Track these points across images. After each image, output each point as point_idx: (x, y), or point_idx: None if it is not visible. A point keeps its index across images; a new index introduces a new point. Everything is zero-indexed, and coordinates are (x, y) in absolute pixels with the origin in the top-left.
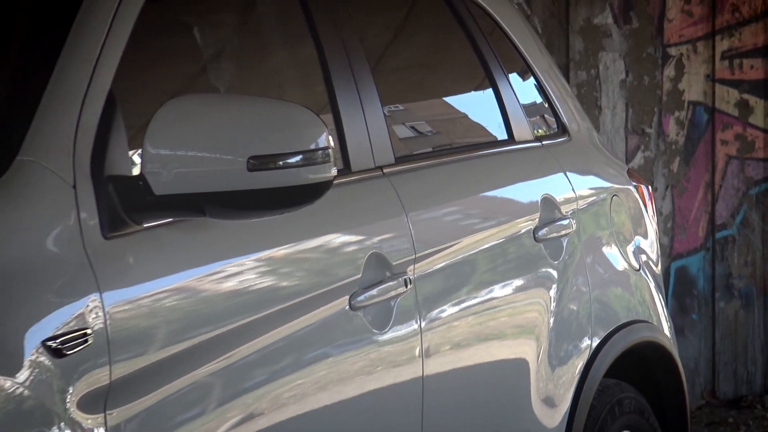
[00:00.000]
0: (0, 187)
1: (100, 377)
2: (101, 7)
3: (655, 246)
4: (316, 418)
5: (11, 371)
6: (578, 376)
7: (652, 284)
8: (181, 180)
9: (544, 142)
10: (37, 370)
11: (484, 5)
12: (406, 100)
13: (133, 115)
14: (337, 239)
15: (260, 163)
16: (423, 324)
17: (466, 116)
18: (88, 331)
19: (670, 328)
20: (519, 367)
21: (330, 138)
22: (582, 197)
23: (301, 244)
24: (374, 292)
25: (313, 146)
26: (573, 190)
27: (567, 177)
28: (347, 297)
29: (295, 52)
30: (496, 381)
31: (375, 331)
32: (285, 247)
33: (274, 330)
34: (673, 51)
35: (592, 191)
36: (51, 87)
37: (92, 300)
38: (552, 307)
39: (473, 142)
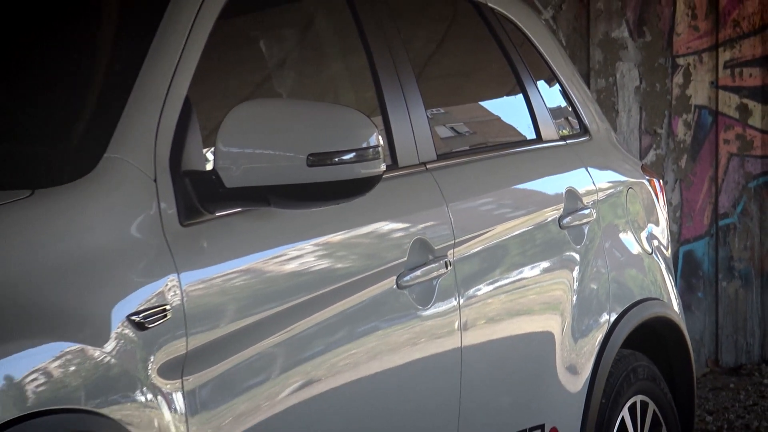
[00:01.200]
0: (90, 181)
1: (177, 347)
2: (179, 22)
3: (666, 232)
4: (367, 384)
5: (100, 342)
6: (598, 347)
7: (663, 266)
8: (249, 174)
9: (567, 141)
10: (122, 342)
11: (515, 20)
12: (446, 103)
13: (206, 118)
14: (385, 226)
15: (318, 159)
16: (461, 301)
17: (499, 118)
18: (167, 307)
19: (678, 304)
20: (546, 339)
21: (379, 137)
22: (601, 189)
23: (354, 230)
24: (418, 273)
25: (364, 145)
26: (593, 183)
27: (588, 172)
28: (395, 277)
29: (349, 62)
30: (526, 351)
31: (419, 307)
32: (340, 234)
33: (330, 306)
34: (681, 61)
35: (610, 184)
36: (135, 93)
37: (171, 280)
38: (575, 287)
39: (505, 141)
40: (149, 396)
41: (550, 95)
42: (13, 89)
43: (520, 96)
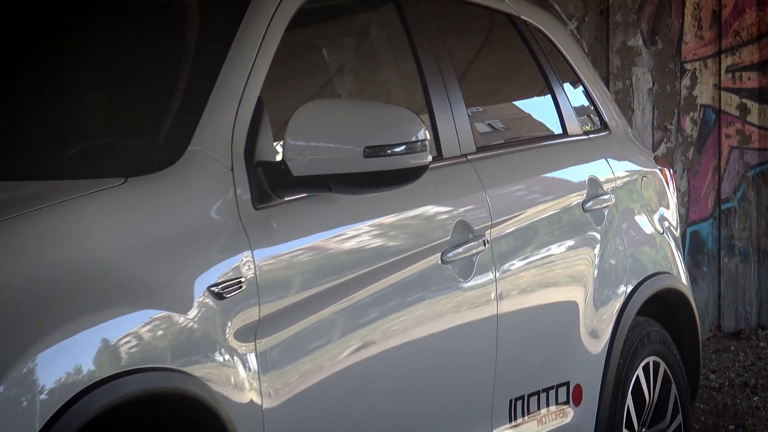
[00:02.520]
0: (176, 170)
1: (251, 315)
2: (253, 33)
3: (675, 215)
4: (415, 346)
5: (184, 310)
6: (616, 314)
7: (672, 244)
8: (313, 164)
9: (590, 136)
10: (203, 309)
11: (545, 30)
12: (484, 103)
13: (276, 115)
14: (431, 210)
15: (373, 151)
16: (497, 274)
17: (530, 115)
18: (243, 279)
19: (686, 277)
20: (571, 307)
21: (426, 132)
22: (619, 178)
23: (404, 213)
24: (460, 250)
25: (413, 138)
26: (612, 172)
27: (608, 162)
28: (439, 254)
29: (400, 67)
30: (553, 318)
31: (460, 280)
32: (392, 216)
33: (383, 279)
34: (688, 66)
35: (627, 173)
36: (214, 94)
37: (245, 256)
38: (596, 262)
39: (535, 136)
40: (227, 356)
41: (575, 95)
42: (109, 90)
43: (548, 96)
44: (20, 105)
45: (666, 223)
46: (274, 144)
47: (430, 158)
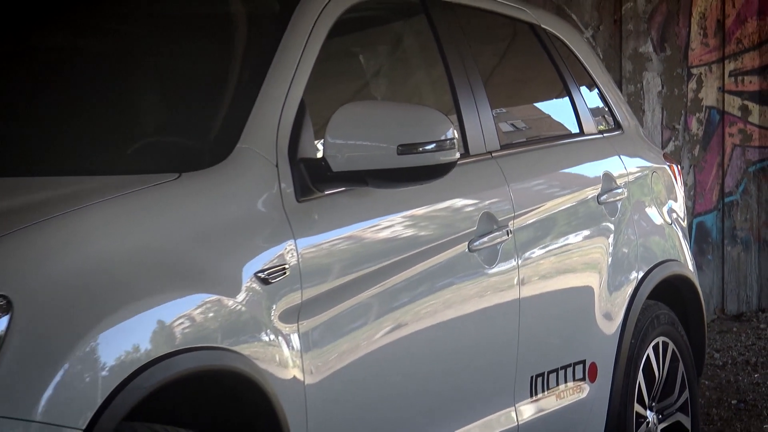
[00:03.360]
0: (225, 166)
1: (294, 298)
2: (295, 41)
3: (682, 207)
4: (443, 328)
5: (233, 294)
6: (628, 298)
7: (680, 234)
8: (351, 161)
9: (604, 135)
10: (250, 293)
11: (563, 38)
12: (507, 104)
13: (317, 116)
14: (459, 202)
15: (406, 149)
16: (519, 262)
17: (549, 116)
18: (286, 266)
19: (692, 265)
20: (587, 292)
21: (454, 131)
22: (631, 173)
23: (434, 205)
24: (485, 239)
25: (443, 137)
26: (625, 168)
27: (621, 159)
28: (466, 243)
29: (430, 72)
30: (571, 301)
31: (486, 267)
32: (423, 208)
33: (414, 266)
34: (694, 71)
35: (638, 168)
36: (261, 96)
37: (289, 244)
38: (610, 250)
39: (554, 134)
40: (272, 336)
41: (590, 97)
42: (165, 93)
43: (566, 98)
44: (88, 108)
45: (674, 215)
46: (316, 142)
47: (457, 155)
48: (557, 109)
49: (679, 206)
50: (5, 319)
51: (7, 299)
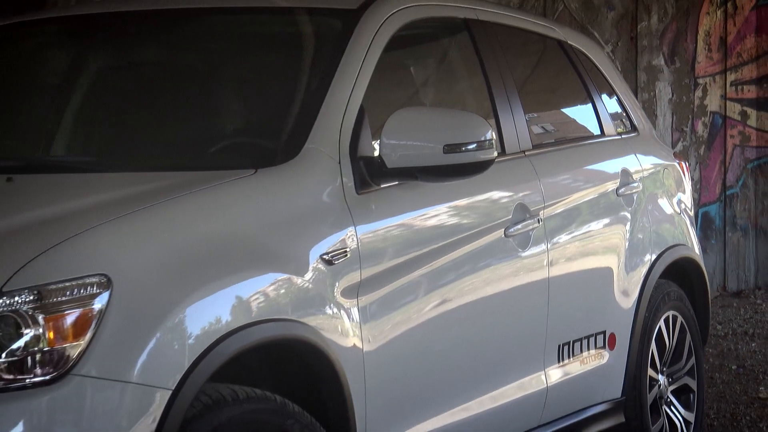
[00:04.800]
0: (295, 163)
1: (354, 277)
2: (355, 54)
3: (690, 199)
4: (483, 302)
5: (302, 273)
6: (643, 277)
7: (688, 222)
8: (404, 158)
9: (622, 136)
10: (316, 273)
11: (587, 53)
12: (538, 110)
13: (374, 119)
14: (496, 194)
15: (451, 148)
16: (549, 246)
17: (574, 120)
18: (347, 249)
19: (698, 248)
20: (607, 271)
21: (492, 133)
22: (645, 169)
23: (474, 197)
24: (519, 226)
25: (482, 138)
26: (640, 165)
27: (636, 157)
28: (503, 229)
29: (472, 81)
30: (593, 280)
31: (519, 250)
32: (465, 199)
33: (458, 249)
34: (700, 81)
35: (652, 165)
36: (326, 103)
37: (350, 231)
38: (627, 236)
39: (579, 136)
40: (335, 310)
41: (610, 104)
42: (243, 101)
43: (589, 104)
44: (178, 114)
45: (682, 205)
46: (373, 142)
47: (495, 154)
48: (581, 114)
49: (687, 198)
50: (106, 294)
51: (107, 278)
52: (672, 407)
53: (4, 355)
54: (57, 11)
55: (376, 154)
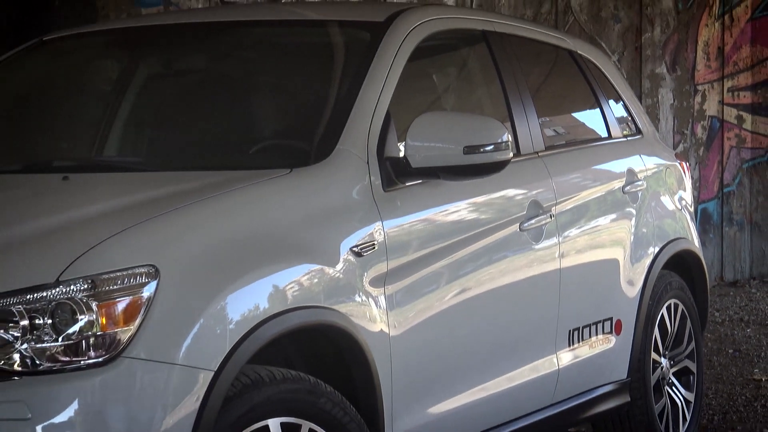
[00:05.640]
0: (327, 163)
1: (381, 268)
2: (382, 63)
3: (690, 196)
4: (500, 291)
5: (333, 264)
6: (647, 268)
7: (688, 217)
8: (427, 159)
9: (627, 138)
10: (347, 264)
11: (595, 62)
12: (550, 114)
13: (399, 123)
14: (512, 192)
15: (470, 149)
16: (560, 239)
17: (584, 123)
18: (375, 242)
19: (698, 241)
20: (613, 263)
21: (508, 135)
22: (649, 169)
23: (492, 194)
24: (533, 221)
25: (499, 140)
26: (644, 164)
27: (641, 157)
28: (518, 224)
29: (489, 88)
30: (601, 271)
31: (533, 243)
32: (483, 196)
33: (476, 242)
34: (700, 87)
35: (655, 165)
36: (355, 108)
37: (377, 225)
38: (632, 230)
39: (588, 138)
40: (364, 298)
41: (617, 109)
42: (279, 106)
43: (597, 109)
44: (220, 118)
45: (683, 202)
46: (398, 144)
47: (511, 155)
48: (590, 118)
49: (687, 195)
50: (154, 284)
51: (155, 268)
52: (673, 388)
53: (60, 338)
54: (109, 24)
55: (402, 154)
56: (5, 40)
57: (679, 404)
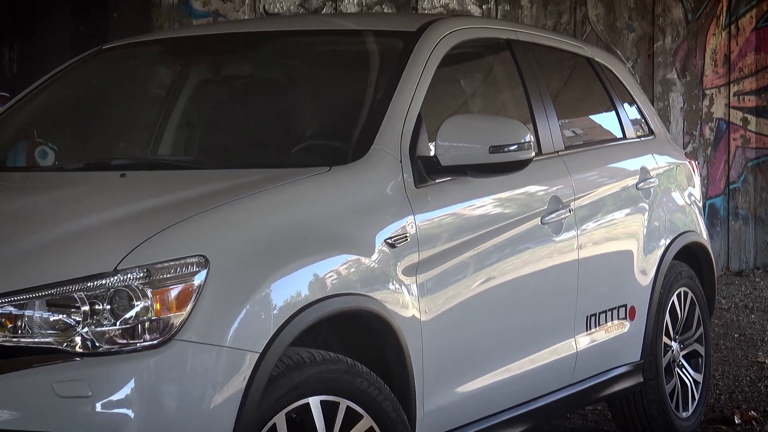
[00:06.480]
0: (364, 162)
1: (413, 258)
2: (414, 70)
3: (698, 192)
4: (522, 280)
5: (369, 254)
6: (658, 259)
7: (697, 211)
8: (455, 158)
9: (641, 139)
10: (381, 254)
11: (611, 68)
12: (570, 116)
13: (430, 125)
14: (533, 188)
15: (495, 149)
16: (578, 232)
17: (600, 125)
18: (407, 234)
19: (706, 234)
20: (628, 254)
21: (530, 136)
22: (661, 167)
23: (515, 190)
24: (553, 215)
25: (522, 140)
26: (656, 163)
27: (653, 156)
28: (539, 218)
29: (513, 92)
30: (616, 261)
31: (553, 235)
32: (507, 192)
33: (501, 235)
34: (707, 92)
35: (666, 164)
36: (389, 111)
37: (409, 219)
38: (645, 224)
39: (604, 138)
40: (397, 286)
41: (631, 111)
42: (319, 109)
43: (613, 111)
44: (266, 121)
45: (692, 198)
46: (429, 144)
47: (533, 154)
48: (606, 120)
49: (696, 191)
50: (204, 272)
51: (205, 258)
52: (683, 369)
53: (118, 323)
54: (163, 34)
55: (432, 154)
56: (72, 49)
57: (689, 384)
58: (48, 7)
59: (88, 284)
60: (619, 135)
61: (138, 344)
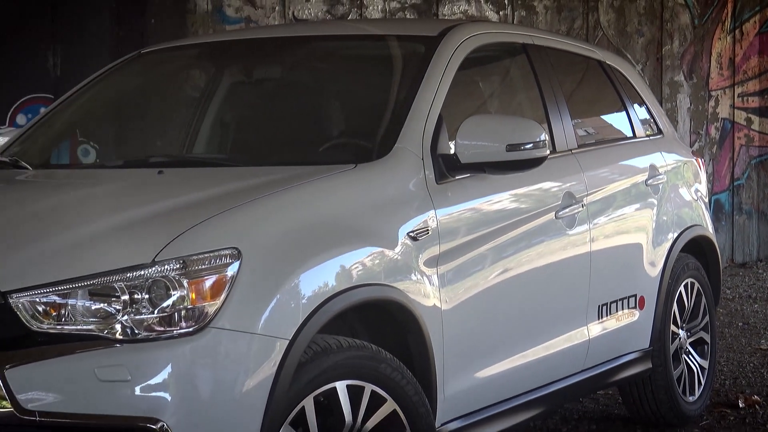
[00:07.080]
0: (387, 160)
1: (434, 250)
2: (435, 72)
3: (705, 188)
4: (538, 271)
5: (392, 247)
6: (667, 251)
7: (703, 206)
8: (474, 155)
9: (650, 137)
10: (404, 247)
11: (622, 70)
12: (582, 116)
13: (450, 124)
14: (548, 184)
15: (512, 147)
16: (591, 226)
17: (611, 124)
18: (429, 228)
19: (712, 228)
20: (637, 247)
21: (545, 135)
22: (669, 164)
23: (531, 186)
24: (567, 210)
25: (537, 139)
26: (664, 160)
27: (662, 154)
28: (554, 213)
29: (529, 93)
30: (627, 253)
31: (567, 229)
32: (523, 188)
33: (517, 228)
34: (713, 93)
35: (674, 161)
36: (412, 111)
37: (431, 213)
38: (654, 218)
39: (615, 137)
40: (419, 276)
41: (640, 112)
42: (346, 110)
43: (623, 112)
44: (296, 121)
45: (699, 193)
46: (449, 142)
47: (548, 152)
48: (617, 120)
49: (703, 187)
50: (237, 264)
51: (238, 250)
52: (690, 356)
53: (156, 311)
54: (198, 39)
55: (452, 152)
56: (112, 53)
57: (695, 370)
58: (89, 14)
59: (128, 275)
60: (630, 134)
61: (174, 331)
